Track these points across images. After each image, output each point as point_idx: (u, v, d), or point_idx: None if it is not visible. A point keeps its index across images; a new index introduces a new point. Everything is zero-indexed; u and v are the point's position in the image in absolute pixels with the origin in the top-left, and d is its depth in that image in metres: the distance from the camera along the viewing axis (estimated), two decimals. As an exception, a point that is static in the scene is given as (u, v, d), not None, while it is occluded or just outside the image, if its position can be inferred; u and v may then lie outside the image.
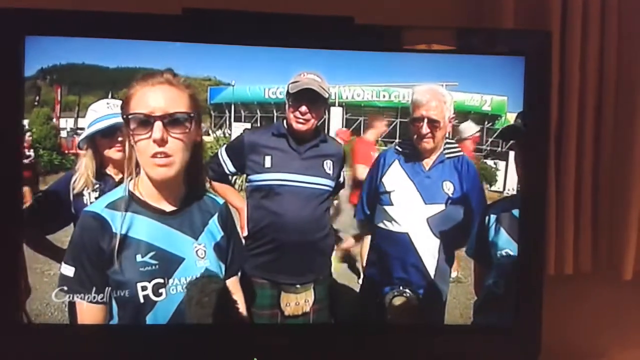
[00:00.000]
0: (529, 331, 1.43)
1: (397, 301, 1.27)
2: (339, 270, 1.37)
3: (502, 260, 1.21)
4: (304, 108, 1.22)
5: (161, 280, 0.97)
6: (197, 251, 1.01)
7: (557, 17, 1.58)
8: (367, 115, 1.42)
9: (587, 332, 1.78)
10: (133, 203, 0.97)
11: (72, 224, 1.18)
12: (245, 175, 1.31)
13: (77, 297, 0.97)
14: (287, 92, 1.24)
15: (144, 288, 0.96)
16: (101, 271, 0.95)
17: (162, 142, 0.95)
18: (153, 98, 0.96)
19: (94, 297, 0.98)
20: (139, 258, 0.96)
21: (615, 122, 1.66)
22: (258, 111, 1.48)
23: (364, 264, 1.33)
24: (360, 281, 1.35)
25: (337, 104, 1.39)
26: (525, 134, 1.37)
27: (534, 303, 1.44)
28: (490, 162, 1.43)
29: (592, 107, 1.64)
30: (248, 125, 1.44)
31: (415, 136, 1.24)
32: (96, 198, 1.13)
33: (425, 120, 1.21)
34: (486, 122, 1.48)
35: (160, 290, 0.97)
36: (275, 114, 1.44)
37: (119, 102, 1.11)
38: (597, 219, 1.69)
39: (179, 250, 0.99)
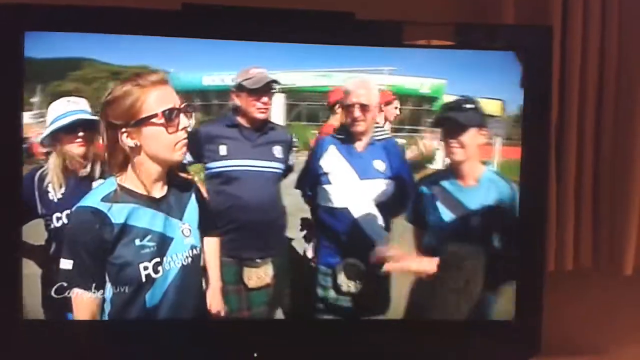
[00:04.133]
0: (530, 326, 1.44)
1: (346, 271, 1.42)
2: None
3: (435, 223, 1.35)
4: (265, 99, 1.35)
5: (158, 259, 1.07)
6: (182, 230, 1.12)
7: (557, 12, 1.57)
8: (307, 100, 1.53)
9: (587, 328, 1.79)
10: (124, 194, 1.05)
11: (38, 220, 1.22)
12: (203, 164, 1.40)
13: (77, 289, 1.05)
14: (241, 86, 1.34)
15: (145, 268, 1.06)
16: (100, 260, 1.03)
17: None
18: (168, 95, 1.06)
19: (91, 286, 1.05)
20: (137, 242, 1.05)
21: (615, 116, 1.66)
22: (196, 99, 1.49)
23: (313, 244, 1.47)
24: (311, 255, 1.48)
25: (278, 91, 1.46)
26: (526, 129, 1.39)
27: (535, 298, 1.44)
28: (428, 142, 1.51)
29: (592, 102, 1.64)
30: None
31: (349, 120, 1.38)
32: (62, 194, 1.19)
33: (357, 105, 1.35)
34: (424, 104, 1.57)
35: (158, 268, 1.07)
36: (215, 102, 1.50)
37: (80, 100, 1.20)
38: (598, 215, 1.69)
39: (169, 231, 1.09)
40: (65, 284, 1.07)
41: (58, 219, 1.21)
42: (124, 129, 1.04)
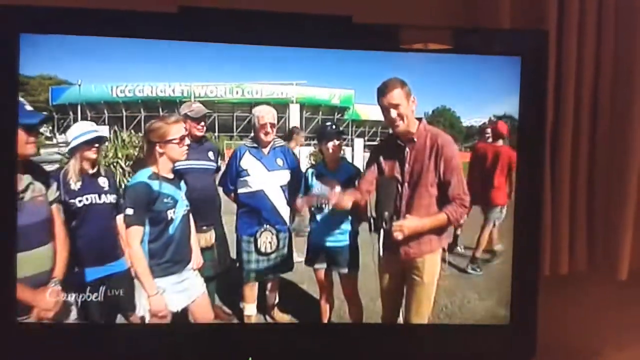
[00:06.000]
0: (526, 330, 1.44)
1: (264, 235, 2.01)
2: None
3: (316, 193, 2.07)
4: (202, 123, 2.05)
5: (174, 209, 1.83)
6: (182, 196, 1.87)
7: (553, 17, 1.58)
8: (220, 111, 2.04)
9: (582, 332, 1.80)
10: (157, 176, 1.81)
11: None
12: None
13: (134, 226, 1.75)
14: (187, 115, 1.99)
15: (170, 213, 1.81)
16: (147, 209, 1.77)
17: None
18: (181, 127, 1.85)
19: (141, 223, 1.76)
20: (165, 200, 1.80)
21: (610, 121, 1.67)
22: (106, 111, 1.88)
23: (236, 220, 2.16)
24: (234, 229, 2.14)
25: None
26: (522, 133, 1.40)
27: (530, 302, 1.44)
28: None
29: (588, 107, 1.65)
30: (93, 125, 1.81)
31: (262, 133, 2.09)
32: (80, 186, 1.81)
33: (268, 123, 2.07)
34: (336, 114, 2.03)
35: (176, 214, 1.83)
36: (124, 114, 1.91)
37: (93, 123, 1.85)
38: (592, 219, 1.70)
39: (176, 196, 1.85)
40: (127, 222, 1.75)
41: (80, 201, 1.80)
42: (157, 144, 1.78)
